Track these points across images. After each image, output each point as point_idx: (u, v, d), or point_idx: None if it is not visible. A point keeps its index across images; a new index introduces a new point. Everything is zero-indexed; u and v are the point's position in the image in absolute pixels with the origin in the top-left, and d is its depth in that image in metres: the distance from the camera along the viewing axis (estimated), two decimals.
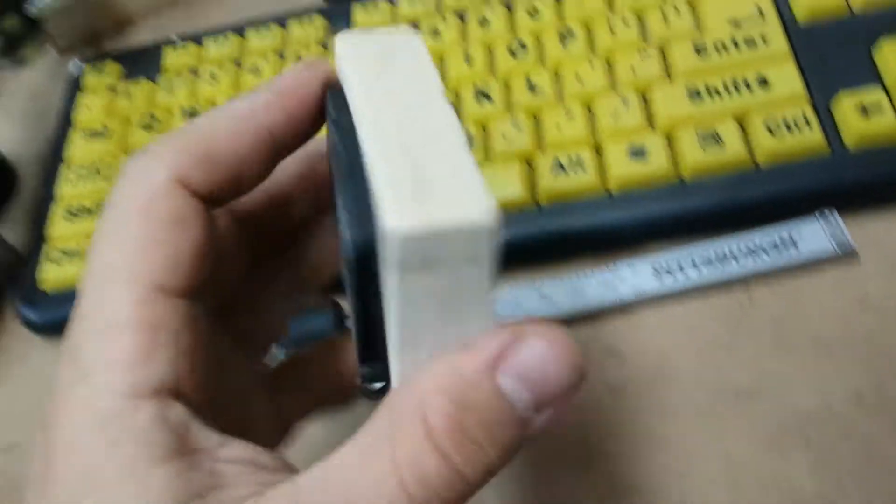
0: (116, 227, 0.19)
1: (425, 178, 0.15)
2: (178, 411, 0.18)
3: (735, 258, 0.33)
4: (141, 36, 0.54)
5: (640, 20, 0.39)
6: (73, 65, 0.51)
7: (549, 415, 0.17)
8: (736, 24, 0.37)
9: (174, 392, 0.18)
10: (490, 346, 0.16)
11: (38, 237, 0.42)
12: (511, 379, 0.16)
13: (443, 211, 0.15)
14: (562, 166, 0.35)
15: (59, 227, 0.41)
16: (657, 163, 0.34)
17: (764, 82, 0.35)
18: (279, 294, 0.26)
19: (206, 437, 0.18)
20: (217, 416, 0.19)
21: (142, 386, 0.17)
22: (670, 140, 0.35)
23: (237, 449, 0.18)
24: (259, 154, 0.21)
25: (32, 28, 0.43)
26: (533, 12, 0.41)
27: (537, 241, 0.35)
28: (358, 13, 0.45)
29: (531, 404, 0.16)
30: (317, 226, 0.26)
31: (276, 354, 0.28)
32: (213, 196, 0.20)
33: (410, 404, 0.16)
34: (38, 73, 0.53)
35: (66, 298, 0.39)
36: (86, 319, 0.18)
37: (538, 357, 0.16)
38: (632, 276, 0.34)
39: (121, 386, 0.17)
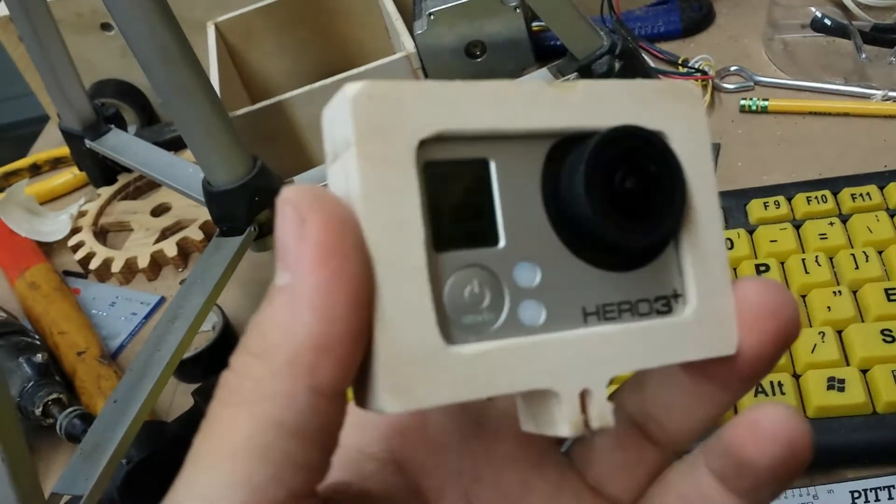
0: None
1: None
2: None
3: None
4: None
5: (832, 262, 0.44)
6: None
7: None
8: None
9: None
10: None
11: None
12: None
13: None
14: (762, 390, 0.39)
15: None
16: (854, 395, 0.38)
17: None
18: None
19: None
20: None
21: None
22: (866, 375, 0.39)
23: None
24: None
25: None
26: (728, 246, 0.46)
27: None
28: None
29: None
30: None
31: None
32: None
33: None
34: None
35: None
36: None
37: None
38: (830, 498, 0.37)
39: None
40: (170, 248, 0.63)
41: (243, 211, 0.48)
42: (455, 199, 0.18)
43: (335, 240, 0.16)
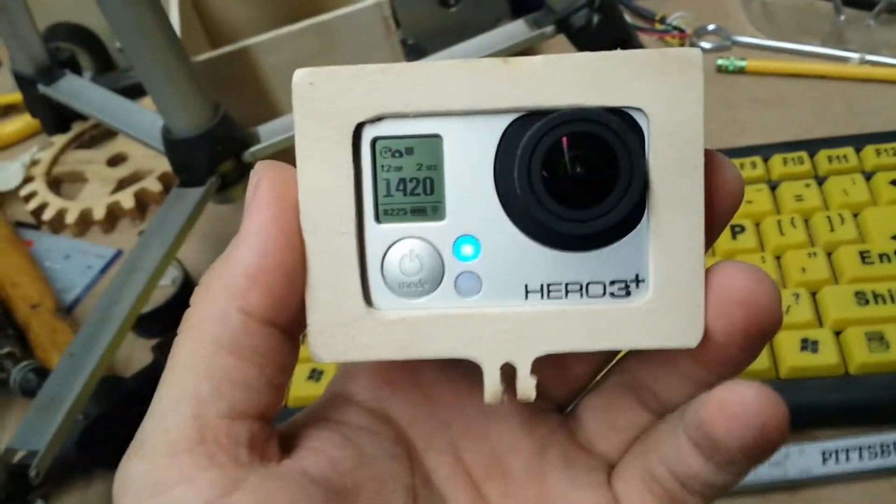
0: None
1: None
2: None
3: None
4: None
5: (807, 223, 0.43)
6: None
7: None
8: None
9: None
10: None
11: None
12: None
13: None
14: None
15: None
16: (827, 356, 0.38)
17: None
18: None
19: None
20: None
21: None
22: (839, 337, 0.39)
23: None
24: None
25: (244, 171, 0.48)
26: None
27: None
28: None
29: None
30: None
31: None
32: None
33: None
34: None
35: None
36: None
37: None
38: (801, 458, 0.37)
39: None
40: (127, 199, 0.61)
41: (204, 161, 0.47)
42: (404, 172, 0.19)
43: (276, 194, 0.19)
